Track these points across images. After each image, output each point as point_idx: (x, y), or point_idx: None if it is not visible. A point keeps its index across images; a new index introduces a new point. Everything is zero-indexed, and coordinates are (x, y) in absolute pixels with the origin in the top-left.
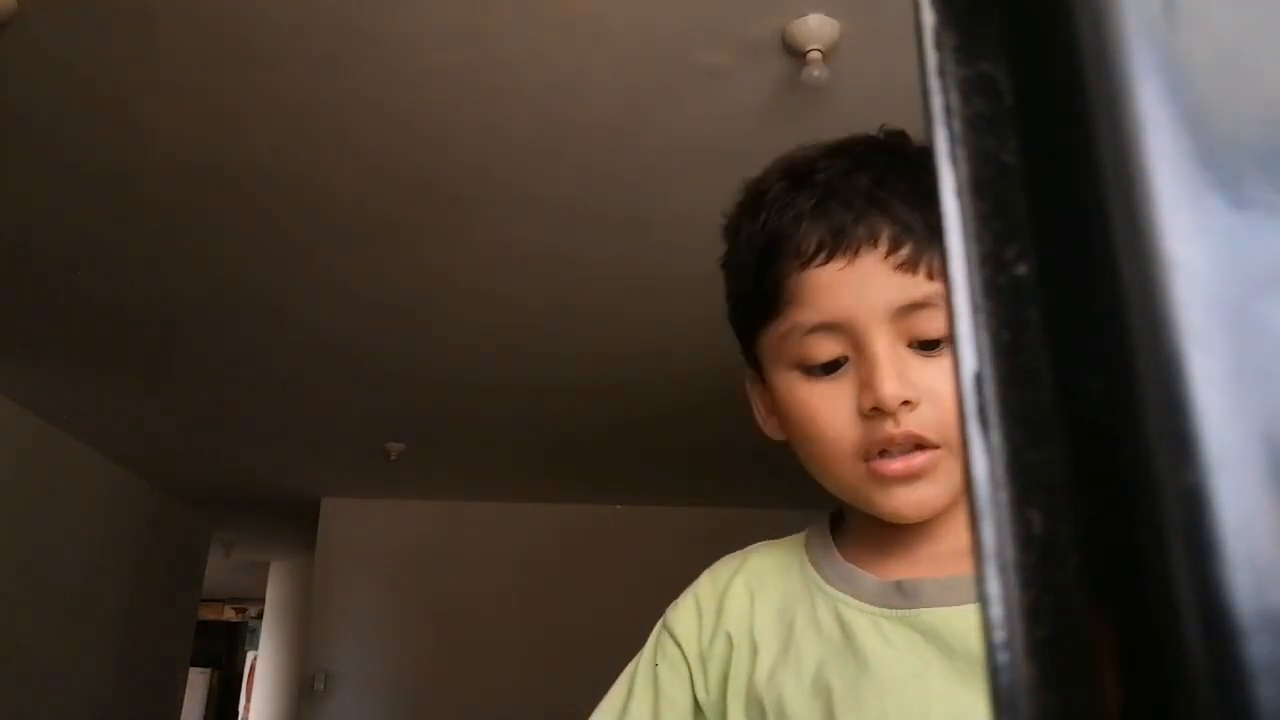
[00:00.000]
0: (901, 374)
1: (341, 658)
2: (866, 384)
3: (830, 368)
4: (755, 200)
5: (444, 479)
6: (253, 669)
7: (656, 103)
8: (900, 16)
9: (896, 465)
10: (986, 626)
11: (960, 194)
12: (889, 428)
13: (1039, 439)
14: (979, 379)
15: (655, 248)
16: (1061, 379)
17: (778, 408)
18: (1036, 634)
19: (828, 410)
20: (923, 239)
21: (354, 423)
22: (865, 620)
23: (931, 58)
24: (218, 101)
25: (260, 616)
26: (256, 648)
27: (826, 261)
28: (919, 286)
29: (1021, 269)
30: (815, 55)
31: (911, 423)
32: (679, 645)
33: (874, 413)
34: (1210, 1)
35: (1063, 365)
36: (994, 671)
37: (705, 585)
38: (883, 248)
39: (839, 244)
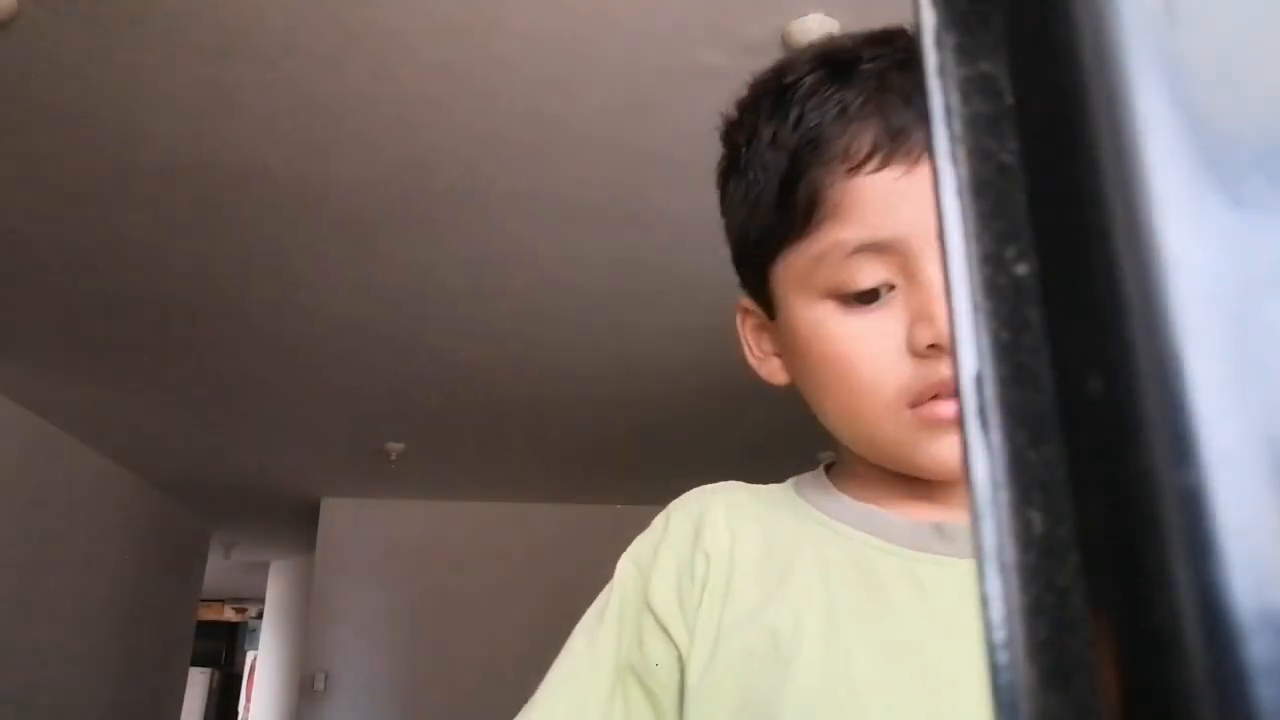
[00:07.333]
0: None
1: (341, 658)
2: (922, 315)
3: (869, 297)
4: (778, 94)
5: (444, 479)
6: (253, 669)
7: (656, 102)
8: (900, 16)
9: (955, 408)
10: (987, 626)
11: (960, 194)
12: (946, 369)
13: (1039, 439)
14: (979, 379)
15: (655, 248)
16: (1061, 379)
17: (794, 346)
18: (1036, 634)
19: (867, 348)
20: None
21: (354, 423)
22: (895, 564)
23: (931, 58)
24: (217, 100)
25: (260, 616)
26: (256, 648)
27: (881, 167)
28: None
29: (1021, 269)
30: None
31: None
32: (645, 580)
33: (931, 350)
34: (1210, 1)
35: (1063, 365)
36: (994, 671)
37: (676, 515)
38: None
39: (898, 146)
